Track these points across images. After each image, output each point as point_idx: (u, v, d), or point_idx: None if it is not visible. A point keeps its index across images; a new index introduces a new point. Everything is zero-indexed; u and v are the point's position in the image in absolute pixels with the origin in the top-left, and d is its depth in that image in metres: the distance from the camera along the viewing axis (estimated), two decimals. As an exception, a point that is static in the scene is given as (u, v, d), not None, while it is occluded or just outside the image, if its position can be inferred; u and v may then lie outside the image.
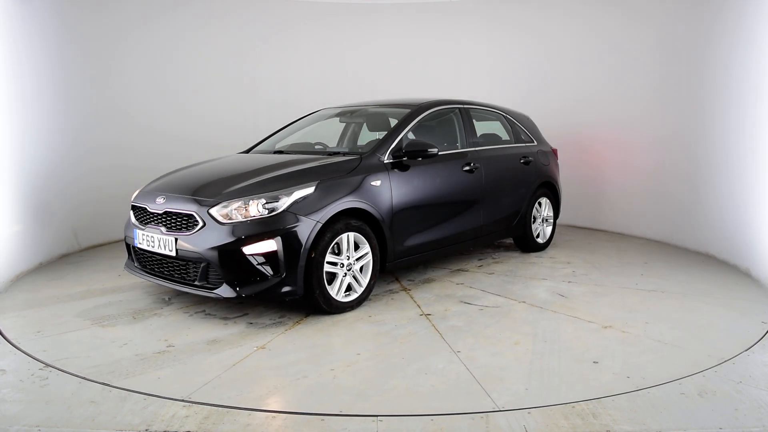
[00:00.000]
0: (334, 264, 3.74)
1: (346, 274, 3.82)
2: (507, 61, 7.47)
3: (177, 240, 3.59)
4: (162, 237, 3.69)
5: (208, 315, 3.78)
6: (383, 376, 2.86)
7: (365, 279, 3.95)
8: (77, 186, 5.78)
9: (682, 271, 4.88)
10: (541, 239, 5.80)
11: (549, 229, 5.92)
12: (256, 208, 3.51)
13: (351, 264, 3.84)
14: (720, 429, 2.35)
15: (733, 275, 4.78)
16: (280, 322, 3.66)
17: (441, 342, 3.31)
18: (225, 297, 3.48)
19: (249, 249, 3.44)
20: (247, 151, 5.03)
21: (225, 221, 3.49)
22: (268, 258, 3.47)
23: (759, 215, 4.61)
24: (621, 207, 6.70)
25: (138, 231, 3.89)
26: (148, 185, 4.20)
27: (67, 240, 5.67)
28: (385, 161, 4.18)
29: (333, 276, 3.77)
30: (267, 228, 3.48)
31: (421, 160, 4.34)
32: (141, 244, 3.87)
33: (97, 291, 4.33)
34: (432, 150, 4.24)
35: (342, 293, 3.81)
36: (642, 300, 4.09)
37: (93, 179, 5.96)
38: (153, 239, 3.75)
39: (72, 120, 5.75)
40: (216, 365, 2.98)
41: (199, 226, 3.54)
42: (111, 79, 6.21)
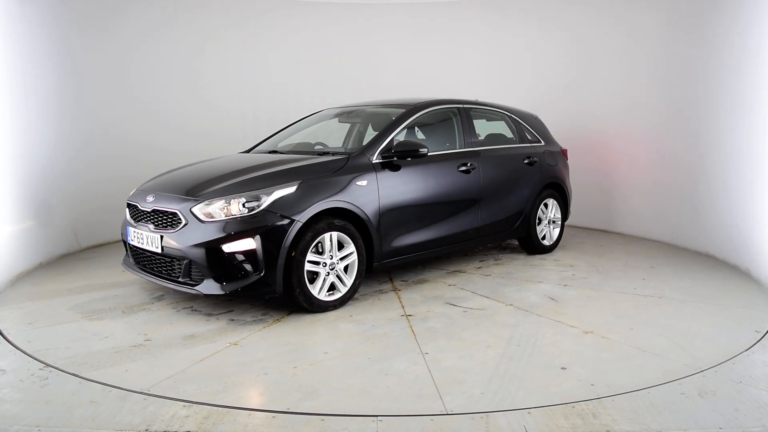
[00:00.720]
0: (316, 263, 3.77)
1: (329, 273, 3.85)
2: (529, 63, 7.33)
3: (162, 237, 3.70)
4: (150, 234, 3.80)
5: (194, 311, 3.87)
6: (342, 375, 2.86)
7: (350, 279, 3.96)
8: (77, 186, 5.79)
9: (687, 276, 4.70)
10: (547, 241, 5.66)
11: (556, 231, 5.76)
12: (237, 206, 3.58)
13: (334, 263, 3.86)
14: (720, 429, 2.32)
15: (739, 280, 4.57)
16: (261, 319, 3.71)
17: (412, 343, 3.29)
18: (206, 294, 3.56)
19: (228, 247, 3.51)
20: (248, 151, 5.12)
21: (207, 220, 3.58)
22: (247, 256, 3.53)
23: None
24: (636, 210, 6.47)
25: (131, 228, 4.03)
26: (143, 184, 4.34)
27: (67, 240, 5.71)
28: (374, 161, 4.18)
29: (316, 275, 3.80)
30: (247, 227, 3.54)
31: (411, 160, 4.32)
32: (132, 240, 4.00)
33: (98, 286, 4.50)
34: (422, 150, 4.21)
35: (324, 292, 3.83)
36: (635, 305, 3.96)
37: (93, 179, 5.98)
38: (142, 236, 3.87)
39: (72, 120, 5.78)
40: (184, 360, 3.05)
41: (183, 224, 3.63)
42: (111, 79, 6.23)
